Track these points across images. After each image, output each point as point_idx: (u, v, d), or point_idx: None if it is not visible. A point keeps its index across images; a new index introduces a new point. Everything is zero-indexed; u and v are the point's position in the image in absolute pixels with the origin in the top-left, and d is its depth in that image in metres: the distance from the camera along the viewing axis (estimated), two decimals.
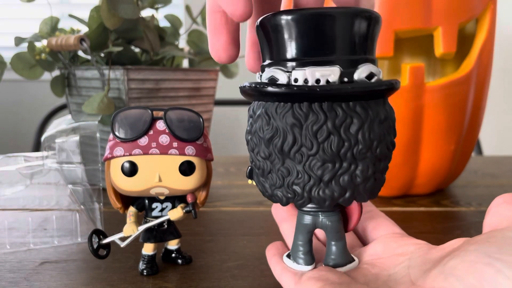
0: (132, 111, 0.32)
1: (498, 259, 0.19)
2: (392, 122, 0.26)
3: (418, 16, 0.47)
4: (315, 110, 0.23)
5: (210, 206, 0.51)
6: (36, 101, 1.59)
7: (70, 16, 0.59)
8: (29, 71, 0.57)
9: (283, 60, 0.24)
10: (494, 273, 0.19)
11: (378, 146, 0.24)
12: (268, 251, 0.32)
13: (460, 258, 0.21)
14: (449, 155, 0.51)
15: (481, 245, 0.21)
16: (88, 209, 0.42)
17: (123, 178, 0.31)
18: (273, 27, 0.24)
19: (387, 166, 0.26)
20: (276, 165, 0.25)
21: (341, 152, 0.24)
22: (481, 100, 0.53)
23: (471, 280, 0.19)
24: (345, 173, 0.24)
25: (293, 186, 0.25)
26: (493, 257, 0.20)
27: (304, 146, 0.24)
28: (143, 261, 0.34)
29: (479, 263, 0.20)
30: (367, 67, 0.24)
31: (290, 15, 0.23)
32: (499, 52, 0.74)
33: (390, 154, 0.26)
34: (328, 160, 0.24)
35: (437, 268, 0.22)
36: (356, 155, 0.24)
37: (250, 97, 0.26)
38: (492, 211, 0.24)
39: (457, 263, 0.21)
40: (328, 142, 0.23)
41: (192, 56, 0.63)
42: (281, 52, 0.24)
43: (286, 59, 0.24)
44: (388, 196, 0.54)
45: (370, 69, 0.24)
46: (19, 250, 0.38)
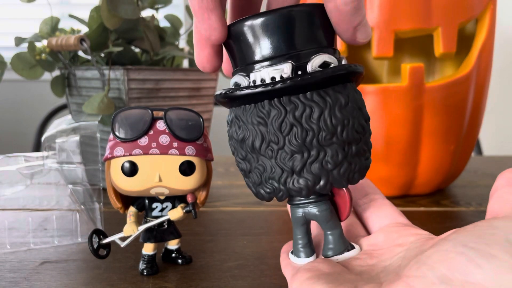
0: (132, 111, 0.32)
1: (472, 248, 0.19)
2: (358, 105, 0.26)
3: (418, 16, 0.47)
4: (275, 106, 0.25)
5: (210, 206, 0.51)
6: (36, 101, 1.59)
7: (70, 16, 0.59)
8: (29, 71, 0.57)
9: (245, 66, 0.26)
10: (465, 262, 0.19)
11: (344, 130, 0.25)
12: (282, 249, 0.31)
13: (435, 248, 0.21)
14: (449, 155, 0.51)
15: (460, 234, 0.21)
16: (88, 209, 0.42)
17: (123, 178, 0.31)
18: (231, 36, 0.26)
19: (363, 149, 0.26)
20: (253, 164, 0.26)
21: (307, 141, 0.25)
22: (481, 100, 0.53)
23: (442, 269, 0.19)
24: (315, 161, 0.25)
25: (269, 181, 0.26)
26: (468, 246, 0.19)
27: (272, 141, 0.25)
28: (143, 261, 0.34)
29: (452, 252, 0.20)
30: (320, 57, 0.25)
31: (236, 24, 0.25)
32: (499, 52, 0.74)
33: (363, 137, 0.26)
34: (296, 151, 0.25)
35: (415, 258, 0.22)
36: (322, 142, 0.25)
37: (223, 105, 0.28)
38: (495, 195, 0.23)
39: (432, 252, 0.21)
40: (292, 134, 0.25)
41: (192, 56, 0.63)
42: (240, 58, 0.26)
43: (246, 64, 0.26)
44: (388, 196, 0.54)
45: (323, 58, 0.25)
46: (19, 250, 0.38)
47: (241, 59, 0.26)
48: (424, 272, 0.20)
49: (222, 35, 0.25)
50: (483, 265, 0.18)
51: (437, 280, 0.19)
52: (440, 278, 0.19)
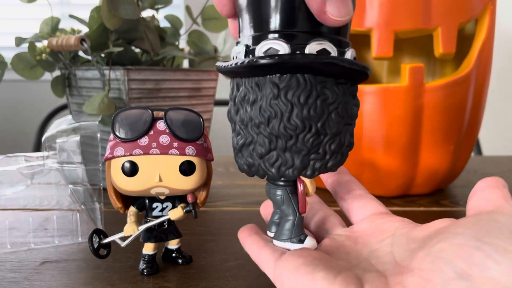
0: (133, 111, 0.32)
1: (487, 243, 0.19)
2: (289, 102, 0.25)
3: (418, 16, 0.47)
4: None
5: (211, 206, 0.52)
6: (36, 101, 1.59)
7: (70, 16, 0.59)
8: (29, 71, 0.57)
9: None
10: (483, 257, 0.19)
11: (269, 122, 0.26)
12: (241, 233, 0.31)
13: (448, 241, 0.21)
14: (448, 155, 0.51)
15: (469, 228, 0.21)
16: (89, 209, 0.42)
17: (123, 178, 0.31)
18: None
19: (295, 147, 0.26)
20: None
21: (244, 123, 0.27)
22: (480, 100, 0.53)
23: (459, 264, 0.19)
24: (249, 145, 0.27)
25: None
26: (482, 240, 0.19)
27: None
28: (144, 261, 0.34)
29: (468, 246, 0.20)
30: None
31: None
32: (499, 52, 0.74)
33: (292, 134, 0.26)
34: (237, 132, 0.28)
35: (424, 250, 0.22)
36: (253, 129, 0.26)
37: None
38: (476, 195, 0.24)
39: (445, 246, 0.21)
40: (241, 112, 0.27)
41: (192, 57, 0.63)
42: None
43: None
44: (388, 196, 0.55)
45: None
46: (20, 250, 0.39)
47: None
48: (440, 266, 0.20)
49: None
50: (500, 260, 0.18)
51: (456, 275, 0.19)
52: (458, 273, 0.19)
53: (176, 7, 1.57)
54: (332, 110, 0.26)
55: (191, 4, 0.67)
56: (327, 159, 0.26)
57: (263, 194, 0.57)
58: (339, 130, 0.26)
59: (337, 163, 0.27)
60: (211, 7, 0.63)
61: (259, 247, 0.28)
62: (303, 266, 0.24)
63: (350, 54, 0.26)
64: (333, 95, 0.26)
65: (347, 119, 0.27)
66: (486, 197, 0.24)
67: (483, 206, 0.23)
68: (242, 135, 0.27)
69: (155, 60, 0.59)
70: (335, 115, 0.26)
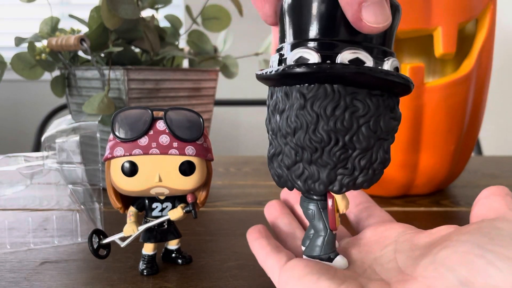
0: (132, 111, 0.32)
1: (489, 251, 0.19)
2: (315, 113, 0.24)
3: (418, 16, 0.47)
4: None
5: (210, 206, 0.52)
6: (36, 101, 1.59)
7: (70, 16, 0.59)
8: (29, 71, 0.57)
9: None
10: (485, 265, 0.19)
11: (295, 133, 0.25)
12: (249, 235, 0.31)
13: (452, 249, 0.21)
14: (449, 155, 0.51)
15: (472, 235, 0.21)
16: (88, 209, 0.42)
17: (123, 178, 0.31)
18: None
19: (321, 160, 0.25)
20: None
21: (274, 132, 0.27)
22: (481, 100, 0.53)
23: (462, 271, 0.19)
24: (278, 155, 0.27)
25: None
26: (485, 248, 0.20)
27: None
28: (143, 261, 0.34)
29: (471, 254, 0.20)
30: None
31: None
32: (499, 52, 0.74)
33: (318, 146, 0.25)
34: (270, 141, 0.28)
35: (428, 258, 0.22)
36: (281, 139, 0.26)
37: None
38: (479, 202, 0.25)
39: (448, 254, 0.21)
40: (272, 121, 0.27)
41: (192, 57, 0.63)
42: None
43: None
44: (388, 196, 0.55)
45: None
46: (20, 250, 0.38)
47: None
48: (443, 274, 0.20)
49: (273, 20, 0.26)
50: (503, 268, 0.19)
51: (458, 282, 0.19)
52: (461, 280, 0.19)
53: (176, 7, 1.57)
54: (362, 123, 0.24)
55: (191, 4, 0.67)
56: (356, 175, 0.25)
57: (263, 194, 0.57)
58: (370, 145, 0.25)
59: (368, 180, 0.25)
60: (211, 7, 0.63)
61: (266, 253, 0.28)
62: (309, 275, 0.24)
63: (390, 64, 0.24)
64: (364, 107, 0.24)
65: (380, 134, 0.25)
66: (490, 204, 0.24)
67: (486, 214, 0.23)
68: (273, 145, 0.27)
69: (155, 60, 0.59)
70: (366, 128, 0.24)
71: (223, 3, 0.65)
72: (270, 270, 0.27)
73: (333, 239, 0.28)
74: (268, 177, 0.66)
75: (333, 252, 0.27)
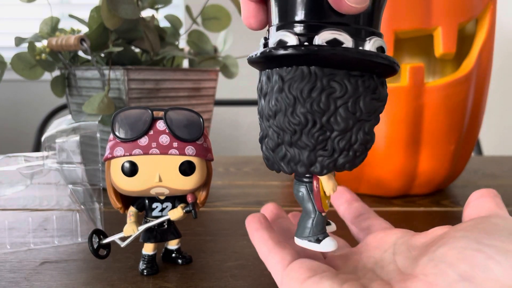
0: (132, 111, 0.32)
1: (487, 245, 0.20)
2: (293, 95, 0.25)
3: (418, 16, 0.47)
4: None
5: (210, 206, 0.52)
6: (36, 101, 1.59)
7: (70, 16, 0.59)
8: (29, 71, 0.57)
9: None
10: (485, 259, 0.19)
11: (276, 115, 0.25)
12: (249, 224, 0.30)
13: (450, 245, 0.21)
14: (449, 155, 0.51)
15: (469, 231, 0.21)
16: (88, 209, 0.42)
17: (123, 178, 0.31)
18: None
19: (300, 142, 0.25)
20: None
21: (260, 115, 0.27)
22: (481, 100, 0.53)
23: (462, 267, 0.20)
24: (265, 138, 0.27)
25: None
26: (483, 243, 0.20)
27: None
28: (143, 261, 0.34)
29: (469, 249, 0.20)
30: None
31: None
32: (499, 52, 0.74)
33: (296, 128, 0.25)
34: (259, 125, 0.28)
35: (426, 256, 0.22)
36: (265, 122, 0.26)
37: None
38: (470, 204, 0.25)
39: (446, 250, 0.21)
40: (259, 105, 0.28)
41: (192, 56, 0.63)
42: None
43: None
44: (388, 196, 0.55)
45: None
46: (20, 250, 0.38)
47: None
48: (444, 270, 0.20)
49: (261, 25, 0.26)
50: (502, 261, 0.19)
51: (459, 277, 0.19)
52: (461, 275, 0.19)
53: (176, 7, 1.57)
54: (340, 104, 0.24)
55: (191, 4, 0.67)
56: (336, 157, 0.25)
57: (263, 194, 0.57)
58: (349, 126, 0.25)
59: (349, 161, 0.25)
60: (211, 7, 0.63)
61: (268, 249, 0.28)
62: (311, 278, 0.24)
63: (372, 44, 0.24)
64: (341, 88, 0.24)
65: (360, 115, 0.25)
66: (480, 205, 0.25)
67: (478, 214, 0.24)
68: (261, 128, 0.27)
69: (155, 60, 0.59)
70: (344, 110, 0.24)
71: (223, 3, 0.65)
72: (272, 268, 0.27)
73: (322, 221, 0.28)
74: (268, 177, 0.66)
75: (321, 234, 0.28)
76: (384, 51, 0.25)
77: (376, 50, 0.24)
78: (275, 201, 0.53)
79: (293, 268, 0.26)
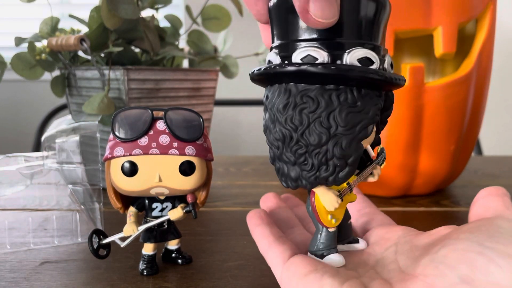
0: (132, 111, 0.32)
1: (489, 248, 0.19)
2: (273, 113, 0.26)
3: (418, 16, 0.47)
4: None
5: (210, 206, 0.51)
6: (36, 101, 1.59)
7: (70, 16, 0.59)
8: (29, 71, 0.57)
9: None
10: (486, 262, 0.19)
11: (266, 132, 0.27)
12: (250, 220, 0.31)
13: (451, 247, 0.21)
14: (449, 155, 0.51)
15: (471, 233, 0.21)
16: (88, 209, 0.42)
17: (123, 178, 0.31)
18: None
19: (285, 157, 0.26)
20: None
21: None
22: (481, 100, 0.53)
23: (463, 269, 0.19)
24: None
25: None
26: (485, 245, 0.20)
27: None
28: (143, 261, 0.34)
29: (471, 251, 0.20)
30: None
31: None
32: (499, 52, 0.74)
33: (279, 145, 0.26)
34: None
35: (428, 256, 0.22)
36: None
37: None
38: (477, 203, 0.25)
39: (447, 252, 0.21)
40: None
41: (192, 56, 0.63)
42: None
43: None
44: (388, 196, 0.55)
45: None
46: (20, 250, 0.38)
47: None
48: (444, 272, 0.20)
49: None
50: (503, 265, 0.19)
51: (459, 280, 0.19)
52: (461, 278, 0.19)
53: (176, 7, 1.57)
54: (313, 119, 0.24)
55: (191, 4, 0.67)
56: (315, 171, 0.25)
57: (263, 194, 0.57)
58: (323, 140, 0.24)
59: (332, 175, 0.25)
60: (211, 6, 0.63)
61: (269, 243, 0.28)
62: (312, 273, 0.24)
63: (351, 56, 0.24)
64: (313, 103, 0.24)
65: (336, 129, 0.24)
66: (487, 204, 0.24)
67: (485, 213, 0.24)
68: None
69: (155, 60, 0.59)
70: (317, 124, 0.24)
71: (223, 3, 0.65)
72: (272, 262, 0.27)
73: (330, 237, 0.28)
74: (268, 177, 0.66)
75: (327, 250, 0.28)
76: (373, 61, 0.24)
77: (358, 61, 0.24)
78: None
79: (293, 263, 0.26)
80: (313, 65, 0.23)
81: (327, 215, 0.27)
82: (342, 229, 0.29)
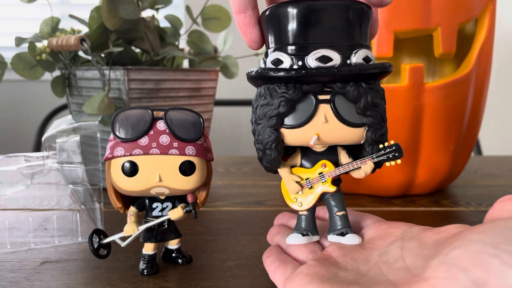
0: (133, 111, 0.32)
1: (504, 250, 0.19)
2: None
3: (417, 16, 0.47)
4: None
5: (210, 206, 0.52)
6: (36, 101, 1.59)
7: (70, 16, 0.59)
8: (29, 71, 0.57)
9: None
10: (500, 265, 0.18)
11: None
12: (264, 255, 0.32)
13: (464, 248, 0.20)
14: (448, 155, 0.51)
15: (485, 235, 0.20)
16: (89, 209, 0.42)
17: (123, 178, 0.31)
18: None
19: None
20: None
21: None
22: (480, 100, 0.53)
23: (476, 272, 0.19)
24: None
25: None
26: (499, 248, 0.19)
27: None
28: (144, 261, 0.34)
29: (485, 254, 0.19)
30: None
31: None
32: (499, 52, 0.74)
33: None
34: None
35: (438, 258, 0.21)
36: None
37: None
38: (495, 206, 0.24)
39: (460, 253, 0.20)
40: None
41: (192, 57, 0.63)
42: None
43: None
44: (388, 196, 0.55)
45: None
46: (20, 250, 0.39)
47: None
48: (456, 274, 0.19)
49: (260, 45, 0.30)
50: None
51: (472, 283, 0.19)
52: (474, 281, 0.18)
53: (176, 7, 1.57)
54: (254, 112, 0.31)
55: (191, 4, 0.67)
56: (261, 156, 0.31)
57: (263, 194, 0.57)
58: (253, 129, 0.31)
59: (261, 161, 0.31)
60: (211, 7, 0.63)
61: (274, 268, 0.29)
62: (312, 282, 0.24)
63: (314, 57, 0.27)
64: (257, 98, 0.30)
65: (257, 120, 0.30)
66: (504, 208, 0.23)
67: (500, 216, 0.23)
68: None
69: (155, 60, 0.59)
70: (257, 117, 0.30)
71: (223, 3, 0.65)
72: (277, 283, 0.28)
73: (300, 220, 0.31)
74: (268, 177, 0.66)
75: (296, 230, 0.31)
76: (327, 61, 0.27)
77: (316, 63, 0.28)
78: (275, 201, 0.53)
79: (293, 275, 0.26)
80: (262, 68, 0.29)
81: (291, 198, 0.32)
82: (330, 220, 0.31)
